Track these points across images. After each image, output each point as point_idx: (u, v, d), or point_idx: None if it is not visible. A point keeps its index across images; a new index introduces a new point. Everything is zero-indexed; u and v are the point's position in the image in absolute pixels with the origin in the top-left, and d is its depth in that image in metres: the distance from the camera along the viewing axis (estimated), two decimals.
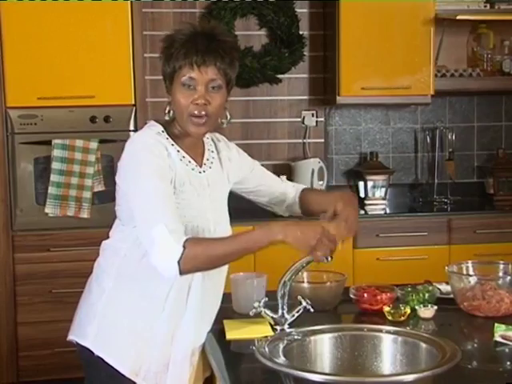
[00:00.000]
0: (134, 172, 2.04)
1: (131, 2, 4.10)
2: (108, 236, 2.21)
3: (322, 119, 4.82)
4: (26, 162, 4.08)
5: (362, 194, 4.68)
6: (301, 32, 4.68)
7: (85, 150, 4.04)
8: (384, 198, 4.65)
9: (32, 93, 4.04)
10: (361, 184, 4.70)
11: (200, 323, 2.14)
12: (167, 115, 2.11)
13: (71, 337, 2.17)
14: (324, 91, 4.76)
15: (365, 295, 2.38)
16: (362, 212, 4.52)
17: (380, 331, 2.12)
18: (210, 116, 2.08)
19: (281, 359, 1.88)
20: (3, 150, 4.05)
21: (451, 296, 2.42)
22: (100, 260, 2.20)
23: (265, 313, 2.11)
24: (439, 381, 1.81)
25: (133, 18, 4.10)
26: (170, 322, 2.10)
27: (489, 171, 4.81)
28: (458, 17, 4.43)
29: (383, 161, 4.80)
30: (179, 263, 1.91)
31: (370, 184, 4.65)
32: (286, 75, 4.73)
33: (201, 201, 2.13)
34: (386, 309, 2.29)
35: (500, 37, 4.76)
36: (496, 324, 2.11)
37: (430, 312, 2.31)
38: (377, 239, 4.27)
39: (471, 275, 2.45)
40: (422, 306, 2.33)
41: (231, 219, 2.29)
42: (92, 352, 2.09)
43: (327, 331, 2.12)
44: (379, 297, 2.36)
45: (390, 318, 2.27)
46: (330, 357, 2.09)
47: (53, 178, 4.01)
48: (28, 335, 4.08)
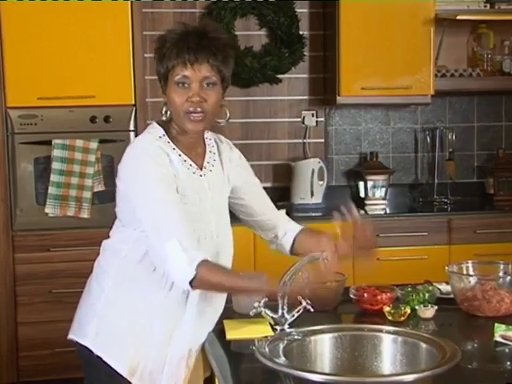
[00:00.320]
0: (142, 183, 2.04)
1: (131, 2, 4.10)
2: (108, 236, 2.21)
3: (322, 119, 4.81)
4: (26, 162, 4.08)
5: (362, 194, 4.68)
6: (301, 32, 4.68)
7: (85, 150, 4.04)
8: (384, 198, 4.65)
9: (32, 93, 4.04)
10: (361, 184, 4.70)
11: (199, 325, 2.14)
12: (164, 115, 2.12)
13: (71, 336, 2.18)
14: (324, 91, 4.76)
15: (365, 295, 2.38)
16: (362, 212, 4.53)
17: (380, 331, 2.12)
18: (207, 113, 2.08)
19: (281, 359, 1.88)
20: (3, 150, 4.05)
21: (451, 296, 2.42)
22: (100, 260, 2.20)
23: (265, 313, 2.10)
24: (439, 381, 1.81)
25: (133, 18, 4.10)
26: (169, 323, 2.10)
27: (489, 171, 4.81)
28: (458, 17, 4.43)
29: (383, 161, 4.80)
30: (191, 283, 1.97)
31: (370, 184, 4.65)
32: (286, 75, 4.73)
33: (203, 205, 2.13)
34: (386, 309, 2.29)
35: (500, 37, 4.76)
36: (496, 324, 2.11)
37: (430, 312, 2.31)
38: (377, 239, 4.26)
39: (471, 275, 2.45)
40: (422, 306, 2.33)
41: (231, 219, 2.29)
42: (91, 351, 2.10)
43: (327, 331, 2.12)
44: (379, 297, 2.36)
45: (390, 318, 2.27)
46: (330, 357, 2.09)
47: (53, 178, 4.01)
48: (28, 335, 4.08)
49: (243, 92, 4.71)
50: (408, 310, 2.29)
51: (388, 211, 4.55)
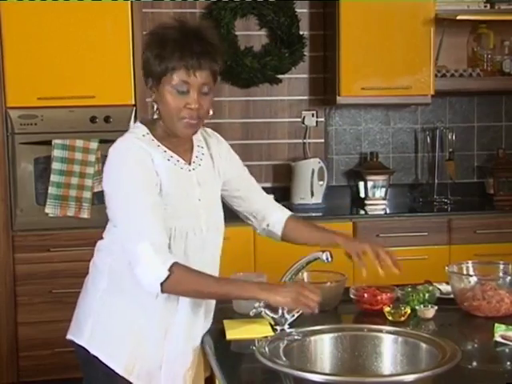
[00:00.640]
0: (119, 183, 2.04)
1: (131, 2, 4.10)
2: (102, 237, 2.21)
3: (322, 119, 4.81)
4: (26, 162, 4.08)
5: (362, 194, 4.69)
6: (301, 32, 4.68)
7: (85, 150, 4.04)
8: (384, 198, 4.65)
9: (32, 93, 4.04)
10: (361, 184, 4.70)
11: (192, 324, 2.14)
12: (155, 114, 2.09)
13: (69, 336, 2.19)
14: (324, 91, 4.76)
15: (365, 295, 2.38)
16: (362, 212, 4.53)
17: (380, 331, 2.12)
18: (202, 118, 2.10)
19: (281, 359, 1.88)
20: (3, 150, 4.05)
21: (451, 296, 2.42)
22: (95, 260, 2.20)
23: (265, 313, 2.10)
24: (439, 381, 1.81)
25: (133, 18, 4.10)
26: (162, 322, 2.11)
27: (489, 171, 4.81)
28: (458, 17, 4.43)
29: (383, 161, 4.80)
30: (162, 285, 1.95)
31: (370, 184, 4.65)
32: (286, 75, 4.73)
33: (190, 200, 2.12)
34: (387, 309, 2.29)
35: (500, 37, 4.76)
36: (496, 324, 2.11)
37: (430, 312, 2.31)
38: (377, 239, 4.26)
39: (471, 275, 2.45)
40: (422, 306, 2.33)
41: (231, 219, 2.29)
42: (88, 351, 2.11)
43: (327, 331, 2.12)
44: (379, 297, 2.36)
45: (391, 318, 2.27)
46: (330, 357, 2.09)
47: (53, 178, 4.01)
48: (28, 335, 4.08)
49: (243, 92, 4.71)
50: (408, 310, 2.29)
51: (388, 211, 4.55)
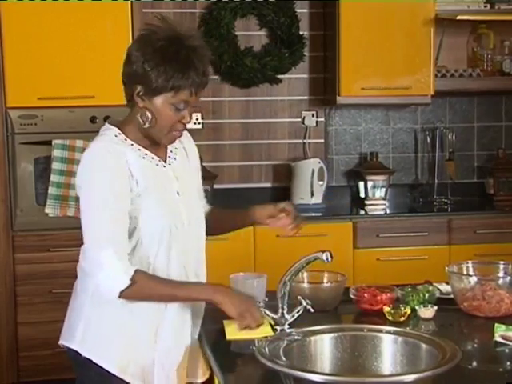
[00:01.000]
0: (89, 189, 2.06)
1: (131, 2, 4.10)
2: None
3: (322, 119, 4.82)
4: (26, 162, 4.08)
5: (362, 194, 4.69)
6: (301, 32, 4.68)
7: (85, 151, 4.04)
8: (384, 198, 4.65)
9: (32, 93, 4.04)
10: (361, 184, 4.70)
11: (182, 322, 2.16)
12: (147, 123, 2.06)
13: (61, 341, 2.19)
14: (324, 91, 4.76)
15: (365, 295, 2.38)
16: (362, 212, 4.53)
17: (380, 331, 2.12)
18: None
19: (281, 359, 1.88)
20: (3, 150, 4.05)
21: (451, 296, 2.42)
22: (81, 264, 2.18)
23: (265, 313, 2.10)
24: (439, 381, 1.81)
25: (133, 18, 4.10)
26: (151, 321, 2.12)
27: (489, 171, 4.81)
28: (458, 17, 4.43)
29: (383, 161, 4.80)
30: (121, 293, 1.99)
31: (370, 184, 4.65)
32: (286, 75, 4.73)
33: (169, 195, 2.14)
34: (386, 309, 2.29)
35: (500, 37, 4.76)
36: (496, 324, 2.11)
37: (430, 312, 2.31)
38: (377, 239, 4.27)
39: (471, 275, 2.45)
40: (422, 307, 2.32)
41: None
42: (80, 354, 2.11)
43: (327, 331, 2.12)
44: (379, 297, 2.36)
45: (390, 319, 2.26)
46: (330, 357, 2.09)
47: (53, 178, 4.01)
48: (28, 335, 4.08)
49: (243, 92, 4.71)
50: (408, 311, 2.29)
51: (388, 211, 4.55)
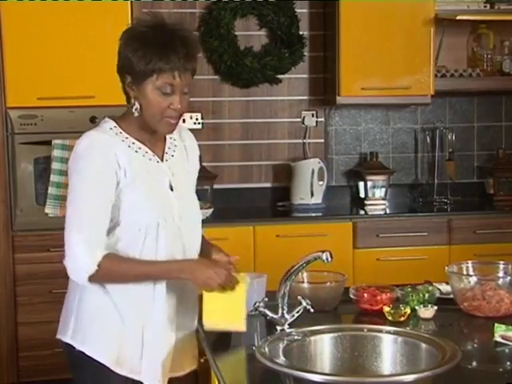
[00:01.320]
0: (75, 179, 2.10)
1: (131, 2, 4.10)
2: None
3: (322, 119, 4.81)
4: (26, 162, 4.08)
5: (362, 194, 4.69)
6: (301, 32, 4.68)
7: None
8: (384, 198, 4.65)
9: (32, 93, 4.04)
10: (361, 184, 4.70)
11: (171, 314, 2.17)
12: (136, 112, 2.11)
13: (57, 335, 2.23)
14: (324, 91, 4.75)
15: (365, 295, 2.38)
16: (362, 212, 4.53)
17: (380, 331, 2.12)
18: (181, 116, 2.15)
19: (281, 359, 1.88)
20: (3, 150, 4.05)
21: (451, 296, 2.42)
22: None
23: (265, 313, 2.11)
24: (439, 381, 1.81)
25: (133, 18, 4.09)
26: (139, 314, 2.14)
27: (489, 171, 4.81)
28: (458, 17, 4.43)
29: (383, 161, 4.80)
30: (90, 278, 2.04)
31: (370, 184, 4.65)
32: (286, 75, 4.73)
33: (161, 189, 2.16)
34: (386, 309, 2.29)
35: (500, 37, 4.76)
36: (496, 324, 2.11)
37: (430, 312, 2.31)
38: (377, 239, 4.27)
39: (471, 275, 2.45)
40: (422, 307, 2.33)
41: (231, 219, 2.29)
42: (74, 347, 2.15)
43: (327, 331, 2.12)
44: (379, 297, 2.36)
45: (390, 319, 2.27)
46: (330, 357, 2.09)
47: (53, 178, 4.01)
48: (28, 335, 4.07)
49: (243, 92, 4.71)
50: (408, 311, 2.29)
51: (388, 211, 4.55)
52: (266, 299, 2.17)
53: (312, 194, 4.55)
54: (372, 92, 4.46)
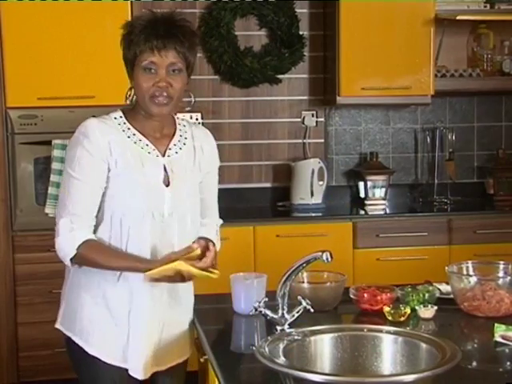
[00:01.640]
0: (69, 163, 2.17)
1: (131, 2, 4.10)
2: None
3: (322, 119, 4.81)
4: (26, 162, 4.08)
5: (362, 194, 4.69)
6: (301, 32, 4.68)
7: None
8: (384, 198, 4.65)
9: (32, 93, 4.04)
10: (361, 184, 4.70)
11: (155, 306, 2.20)
12: (128, 99, 2.21)
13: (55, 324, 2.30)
14: (324, 91, 4.76)
15: (365, 295, 2.38)
16: (362, 212, 4.53)
17: (380, 331, 2.12)
18: (172, 97, 2.17)
19: (281, 359, 1.88)
20: (3, 150, 4.05)
21: (451, 296, 2.42)
22: None
23: (265, 313, 2.11)
24: (439, 381, 1.81)
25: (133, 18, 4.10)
26: (124, 305, 2.18)
27: (489, 171, 4.81)
28: (458, 17, 4.43)
29: (383, 161, 4.80)
30: (71, 260, 2.13)
31: (370, 184, 4.65)
32: (286, 75, 4.73)
33: (154, 183, 2.18)
34: (386, 309, 2.29)
35: (500, 37, 4.76)
36: (496, 324, 2.11)
37: (430, 312, 2.31)
38: (377, 239, 4.27)
39: (471, 275, 2.45)
40: (422, 307, 2.33)
41: (231, 219, 2.29)
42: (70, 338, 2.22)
43: (327, 331, 2.11)
44: (379, 297, 2.36)
45: (390, 319, 2.27)
46: (330, 357, 2.09)
47: (53, 179, 4.00)
48: (28, 335, 4.08)
49: (243, 92, 4.71)
50: (408, 311, 2.29)
51: (388, 211, 4.55)
52: (266, 299, 2.17)
53: (312, 194, 4.56)
54: (372, 92, 4.46)
